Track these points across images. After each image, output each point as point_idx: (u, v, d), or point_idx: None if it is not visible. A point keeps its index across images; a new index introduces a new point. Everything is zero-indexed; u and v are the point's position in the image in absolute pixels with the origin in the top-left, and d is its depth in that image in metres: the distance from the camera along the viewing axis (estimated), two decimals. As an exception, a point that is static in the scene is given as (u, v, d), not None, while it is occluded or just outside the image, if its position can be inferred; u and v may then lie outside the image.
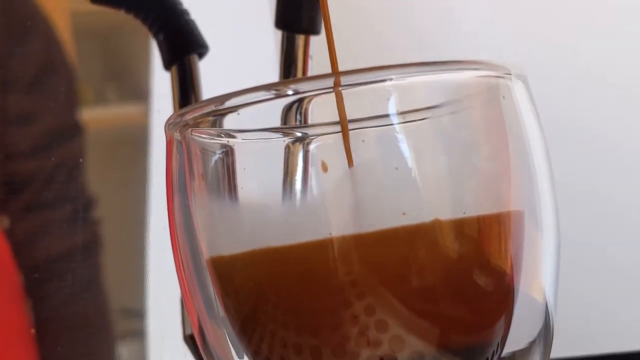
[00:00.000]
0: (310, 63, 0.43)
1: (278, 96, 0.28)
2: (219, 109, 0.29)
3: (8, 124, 0.86)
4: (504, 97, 0.29)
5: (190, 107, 0.29)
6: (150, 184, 0.89)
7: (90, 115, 0.98)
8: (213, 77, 0.45)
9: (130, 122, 1.05)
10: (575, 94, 0.91)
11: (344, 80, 0.28)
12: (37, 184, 0.86)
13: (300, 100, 0.29)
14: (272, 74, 0.44)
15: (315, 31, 0.42)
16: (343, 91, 0.28)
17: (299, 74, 0.42)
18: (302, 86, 0.28)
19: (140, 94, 1.03)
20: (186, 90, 0.43)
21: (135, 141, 0.99)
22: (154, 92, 0.91)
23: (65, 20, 0.98)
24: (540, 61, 0.88)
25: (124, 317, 0.97)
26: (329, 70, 0.32)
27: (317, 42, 0.42)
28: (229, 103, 0.29)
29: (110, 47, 1.06)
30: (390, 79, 0.28)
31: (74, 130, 0.90)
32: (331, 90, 0.28)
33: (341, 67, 0.32)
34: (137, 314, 0.96)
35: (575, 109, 0.91)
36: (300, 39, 0.42)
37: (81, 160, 0.90)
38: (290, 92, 0.28)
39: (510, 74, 0.29)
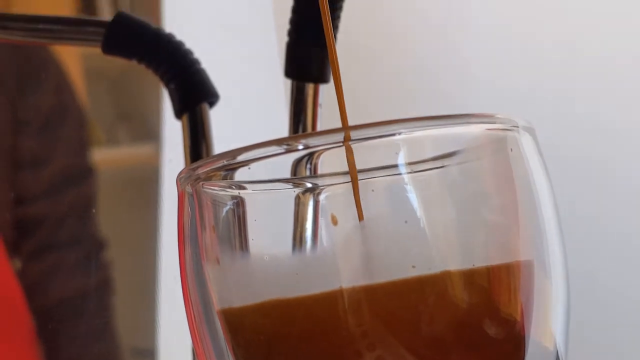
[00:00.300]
0: (319, 111, 0.43)
1: (289, 151, 0.29)
2: (231, 164, 0.29)
3: (20, 167, 0.86)
4: (511, 150, 0.29)
5: (201, 161, 0.30)
6: (161, 226, 0.90)
7: (101, 156, 0.99)
8: (224, 123, 0.45)
9: (141, 163, 1.06)
10: (584, 145, 0.91)
11: (353, 134, 0.28)
12: (48, 227, 0.86)
13: (311, 154, 0.29)
14: (282, 122, 0.44)
15: (324, 80, 0.42)
16: (353, 145, 0.29)
17: (309, 122, 0.43)
18: (313, 141, 0.29)
19: (150, 134, 1.03)
20: (197, 138, 0.43)
21: (146, 181, 1.00)
22: (165, 136, 0.92)
23: (76, 62, 0.99)
24: (548, 113, 0.89)
25: (135, 357, 0.97)
26: (338, 119, 0.32)
27: (327, 89, 0.43)
28: (241, 158, 0.29)
29: (121, 88, 1.07)
30: (399, 133, 0.28)
31: (86, 172, 0.91)
32: (341, 144, 0.28)
33: (352, 117, 0.33)
34: (147, 354, 0.96)
35: (585, 160, 0.91)
36: (309, 88, 0.43)
37: (92, 202, 0.90)
38: (300, 146, 0.29)
39: (518, 127, 0.29)
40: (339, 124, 0.33)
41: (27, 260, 0.87)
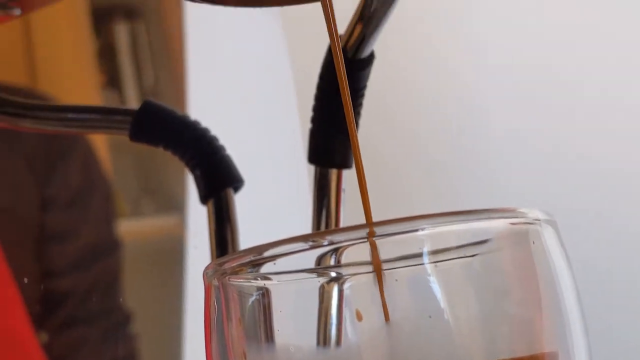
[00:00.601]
0: (343, 196, 0.44)
1: (314, 247, 0.29)
2: (257, 259, 0.30)
3: (47, 242, 0.87)
4: (534, 243, 0.29)
5: (228, 256, 0.30)
6: (186, 299, 0.90)
7: (126, 228, 1.00)
8: (249, 207, 0.46)
9: (165, 234, 1.06)
10: (607, 239, 0.91)
11: (377, 231, 0.29)
12: (74, 301, 0.87)
13: (336, 249, 0.30)
14: (306, 206, 0.45)
15: (347, 165, 0.43)
16: (377, 240, 0.29)
17: (332, 207, 0.43)
18: (338, 237, 0.29)
19: (175, 206, 1.04)
20: (222, 223, 0.44)
21: (170, 253, 1.00)
22: (190, 207, 0.93)
23: (102, 135, 1.00)
24: (571, 205, 0.89)
25: None
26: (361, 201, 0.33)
27: (350, 174, 0.44)
28: (267, 253, 0.29)
29: (145, 161, 1.08)
30: (423, 229, 0.29)
31: (112, 246, 0.92)
32: (365, 240, 0.29)
33: (375, 202, 0.34)
34: None
35: (607, 254, 0.91)
36: (333, 173, 0.43)
37: (118, 275, 0.91)
38: (326, 242, 0.29)
39: (540, 220, 0.30)
40: (361, 207, 0.34)
41: (53, 334, 0.87)
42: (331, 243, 0.29)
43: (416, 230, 0.29)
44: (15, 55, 0.98)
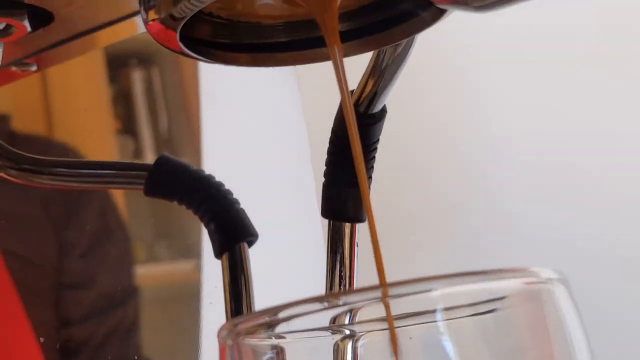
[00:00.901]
0: (356, 250, 0.44)
1: (329, 307, 0.29)
2: (272, 320, 0.30)
3: (64, 289, 0.88)
4: (546, 302, 0.30)
5: (243, 317, 0.31)
6: (201, 348, 0.90)
7: (142, 273, 1.00)
8: (263, 260, 0.46)
9: (181, 279, 1.07)
10: (621, 295, 0.91)
11: (391, 292, 0.29)
12: (91, 348, 0.87)
13: (350, 309, 0.30)
14: (320, 259, 0.45)
15: (361, 219, 0.43)
16: (390, 300, 0.29)
17: (346, 261, 0.44)
18: (352, 298, 0.30)
19: (190, 251, 1.05)
20: (237, 276, 0.44)
21: (186, 298, 1.01)
22: (205, 252, 0.93)
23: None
24: (585, 260, 0.89)
25: None
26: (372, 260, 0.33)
27: (363, 228, 0.44)
28: (282, 315, 0.30)
29: (161, 206, 1.09)
30: (436, 289, 0.29)
31: (129, 293, 0.92)
32: (379, 300, 0.29)
33: (387, 260, 0.34)
34: None
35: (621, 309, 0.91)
36: (346, 227, 0.44)
37: (135, 321, 0.91)
38: (340, 303, 0.29)
39: (552, 279, 0.30)
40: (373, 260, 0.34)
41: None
42: (346, 304, 0.29)
43: (429, 291, 0.29)
44: (32, 102, 0.99)
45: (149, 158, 1.08)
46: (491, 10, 0.30)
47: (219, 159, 0.89)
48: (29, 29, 0.44)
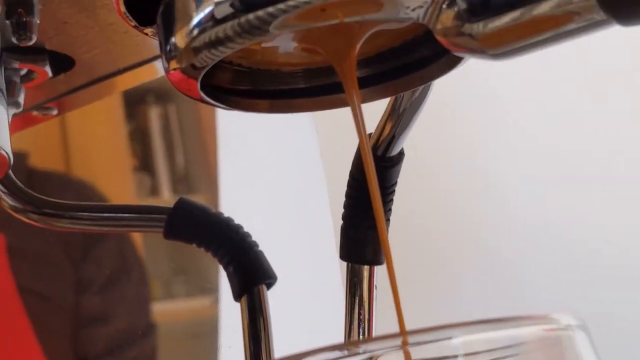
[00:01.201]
0: (375, 292, 0.44)
1: (350, 355, 0.30)
2: (292, 369, 0.30)
3: (82, 325, 0.88)
4: (566, 348, 0.30)
5: (263, 365, 0.31)
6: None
7: (159, 310, 1.00)
8: (281, 303, 0.46)
9: (198, 316, 1.07)
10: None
11: (411, 339, 0.29)
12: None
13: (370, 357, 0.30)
14: (338, 301, 0.45)
15: (379, 262, 0.44)
16: (410, 348, 0.29)
17: (365, 304, 0.44)
18: (372, 346, 0.30)
19: (207, 287, 1.05)
20: (255, 319, 0.44)
21: (203, 335, 1.01)
22: (222, 287, 0.93)
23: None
24: (602, 310, 0.89)
25: None
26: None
27: (382, 270, 0.44)
28: (302, 364, 0.30)
29: (177, 243, 1.09)
30: (456, 337, 0.29)
31: (146, 329, 0.92)
32: (399, 348, 0.29)
33: (405, 303, 0.34)
34: None
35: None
36: (364, 270, 0.44)
37: (152, 358, 0.91)
38: (360, 351, 0.29)
39: (572, 326, 0.30)
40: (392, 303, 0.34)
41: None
42: (366, 352, 0.30)
43: (450, 338, 0.29)
44: (50, 139, 1.00)
45: (166, 195, 1.09)
46: (507, 59, 0.30)
47: (237, 199, 0.90)
48: (50, 74, 0.45)
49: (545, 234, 0.95)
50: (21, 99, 0.44)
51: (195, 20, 0.31)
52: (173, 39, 0.32)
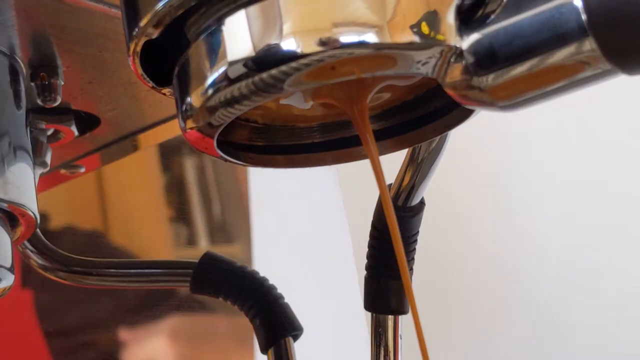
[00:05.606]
0: (400, 342, 0.44)
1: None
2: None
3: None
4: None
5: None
6: None
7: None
8: (308, 354, 0.46)
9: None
10: None
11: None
12: None
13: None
14: (365, 352, 0.45)
15: (403, 311, 0.44)
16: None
17: (390, 355, 0.44)
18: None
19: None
20: (284, 373, 0.44)
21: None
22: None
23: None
24: None
25: None
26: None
27: (406, 319, 0.44)
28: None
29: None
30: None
31: None
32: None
33: (432, 350, 0.34)
34: None
35: None
36: (389, 320, 0.44)
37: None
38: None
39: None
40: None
41: None
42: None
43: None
44: (86, 194, 1.01)
45: (203, 245, 1.09)
46: (517, 110, 0.31)
47: (266, 251, 0.90)
48: (76, 133, 0.46)
49: (581, 278, 0.94)
50: (48, 158, 0.45)
51: (209, 80, 0.32)
52: (189, 99, 0.33)
